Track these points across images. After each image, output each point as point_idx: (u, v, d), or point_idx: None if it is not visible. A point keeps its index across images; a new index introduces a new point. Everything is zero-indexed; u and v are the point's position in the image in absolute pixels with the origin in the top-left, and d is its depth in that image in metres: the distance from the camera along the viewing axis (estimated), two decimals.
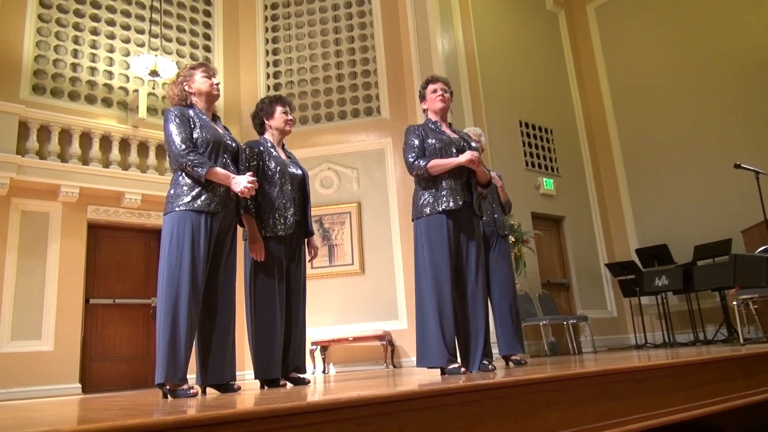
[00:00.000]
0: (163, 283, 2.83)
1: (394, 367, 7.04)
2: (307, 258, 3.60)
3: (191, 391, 2.75)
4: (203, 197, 2.92)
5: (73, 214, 6.91)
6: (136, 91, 7.58)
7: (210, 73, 3.19)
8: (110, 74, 7.64)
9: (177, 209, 2.90)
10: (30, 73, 7.05)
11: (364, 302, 7.44)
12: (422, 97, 3.62)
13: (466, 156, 3.26)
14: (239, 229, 3.30)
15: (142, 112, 7.28)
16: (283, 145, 3.67)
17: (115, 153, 7.22)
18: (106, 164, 7.17)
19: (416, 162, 3.31)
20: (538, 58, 9.46)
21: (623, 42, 9.68)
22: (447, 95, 3.54)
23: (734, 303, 5.23)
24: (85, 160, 7.03)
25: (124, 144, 7.39)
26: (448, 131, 3.50)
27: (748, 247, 6.56)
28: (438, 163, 3.28)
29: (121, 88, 7.67)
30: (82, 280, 6.87)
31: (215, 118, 3.24)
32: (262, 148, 3.47)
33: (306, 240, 3.59)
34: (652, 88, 9.23)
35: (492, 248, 4.27)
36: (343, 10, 8.65)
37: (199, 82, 3.14)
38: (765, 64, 8.00)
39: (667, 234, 8.53)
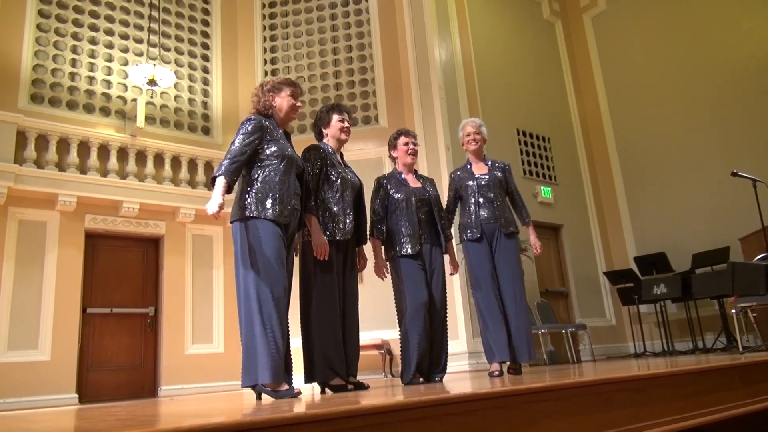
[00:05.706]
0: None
1: (393, 376, 7.00)
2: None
3: (294, 390, 2.79)
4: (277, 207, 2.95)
5: (71, 223, 6.90)
6: (134, 100, 7.59)
7: (298, 94, 3.28)
8: (108, 83, 7.65)
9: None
10: (28, 83, 7.06)
11: (362, 311, 7.26)
12: (392, 147, 4.01)
13: (377, 272, 3.87)
14: None
15: (140, 121, 7.29)
16: (341, 153, 3.72)
17: (113, 162, 7.23)
18: (104, 173, 7.18)
19: (373, 225, 3.84)
20: (535, 67, 9.50)
21: (620, 51, 9.73)
22: (417, 148, 3.98)
23: (733, 311, 5.23)
24: (83, 169, 7.03)
25: (122, 153, 7.39)
26: (411, 182, 3.94)
27: (747, 255, 6.56)
28: (376, 249, 3.84)
29: (119, 97, 7.68)
30: (79, 289, 6.84)
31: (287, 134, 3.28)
32: (325, 152, 3.53)
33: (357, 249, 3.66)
34: (649, 96, 9.26)
35: (495, 248, 4.11)
36: (341, 20, 8.68)
37: (284, 99, 3.18)
38: (761, 71, 8.04)
39: (665, 242, 8.54)
